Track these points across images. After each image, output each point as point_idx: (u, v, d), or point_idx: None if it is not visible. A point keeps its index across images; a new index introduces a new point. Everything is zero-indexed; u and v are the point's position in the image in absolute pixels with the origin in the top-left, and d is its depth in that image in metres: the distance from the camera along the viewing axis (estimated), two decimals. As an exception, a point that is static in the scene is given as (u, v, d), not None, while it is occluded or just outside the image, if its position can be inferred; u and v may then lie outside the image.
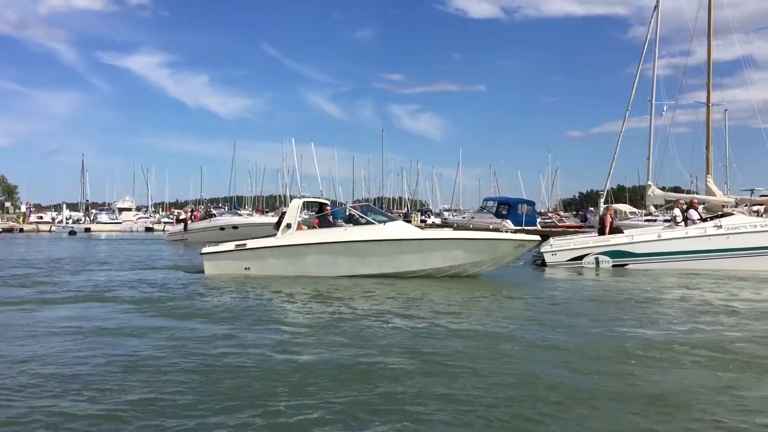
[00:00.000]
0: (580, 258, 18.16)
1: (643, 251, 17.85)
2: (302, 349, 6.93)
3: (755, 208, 25.32)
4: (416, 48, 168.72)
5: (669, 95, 33.46)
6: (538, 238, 16.39)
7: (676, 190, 40.83)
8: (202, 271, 14.70)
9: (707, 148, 29.95)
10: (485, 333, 7.86)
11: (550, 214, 63.67)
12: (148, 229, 58.51)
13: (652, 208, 34.72)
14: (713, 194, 29.02)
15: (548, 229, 40.82)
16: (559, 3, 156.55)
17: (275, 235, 14.76)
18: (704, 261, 17.60)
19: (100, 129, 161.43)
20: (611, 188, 54.85)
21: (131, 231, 57.72)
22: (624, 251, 18.03)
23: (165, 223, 61.26)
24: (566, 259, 18.15)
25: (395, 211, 78.44)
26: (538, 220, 46.30)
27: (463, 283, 13.46)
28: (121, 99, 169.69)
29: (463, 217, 50.03)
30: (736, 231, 17.74)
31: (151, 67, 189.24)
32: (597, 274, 16.86)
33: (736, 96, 59.32)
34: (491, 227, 35.74)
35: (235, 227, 31.98)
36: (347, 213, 16.43)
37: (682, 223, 18.58)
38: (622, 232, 18.90)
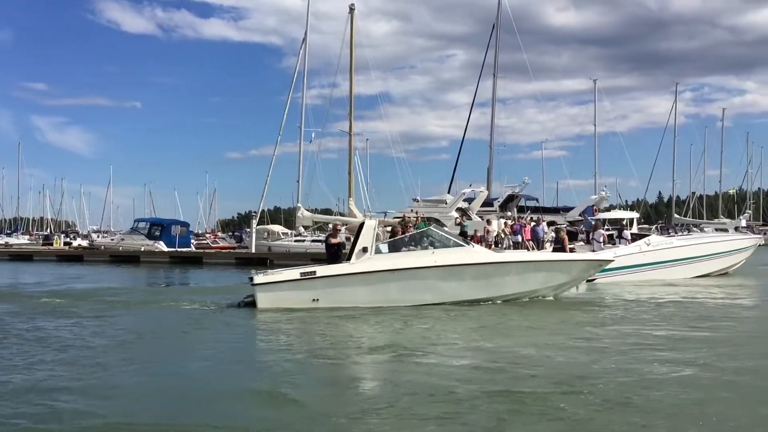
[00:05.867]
0: None
1: (606, 267, 18.81)
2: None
3: (388, 228, 29.33)
4: (64, 57, 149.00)
5: (318, 123, 37.43)
6: (611, 257, 17.49)
7: (327, 212, 43.73)
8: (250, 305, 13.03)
9: (349, 173, 32.81)
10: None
11: (207, 235, 64.93)
12: None
13: (302, 229, 34.13)
14: (354, 216, 31.43)
15: (202, 250, 42.23)
16: (216, 27, 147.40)
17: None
18: (645, 272, 20.36)
19: None
20: (267, 209, 59.88)
21: None
22: None
23: None
24: None
25: (34, 233, 71.96)
26: (193, 241, 46.61)
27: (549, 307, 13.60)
28: None
29: (112, 239, 49.63)
30: (660, 247, 21.18)
31: None
32: (577, 290, 17.22)
33: (377, 127, 77.23)
34: (143, 249, 38.15)
35: None
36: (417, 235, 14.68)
37: (600, 243, 20.74)
38: (575, 251, 20.37)
